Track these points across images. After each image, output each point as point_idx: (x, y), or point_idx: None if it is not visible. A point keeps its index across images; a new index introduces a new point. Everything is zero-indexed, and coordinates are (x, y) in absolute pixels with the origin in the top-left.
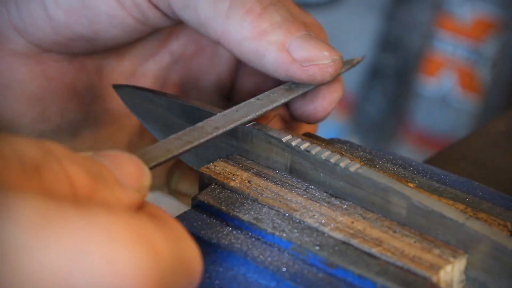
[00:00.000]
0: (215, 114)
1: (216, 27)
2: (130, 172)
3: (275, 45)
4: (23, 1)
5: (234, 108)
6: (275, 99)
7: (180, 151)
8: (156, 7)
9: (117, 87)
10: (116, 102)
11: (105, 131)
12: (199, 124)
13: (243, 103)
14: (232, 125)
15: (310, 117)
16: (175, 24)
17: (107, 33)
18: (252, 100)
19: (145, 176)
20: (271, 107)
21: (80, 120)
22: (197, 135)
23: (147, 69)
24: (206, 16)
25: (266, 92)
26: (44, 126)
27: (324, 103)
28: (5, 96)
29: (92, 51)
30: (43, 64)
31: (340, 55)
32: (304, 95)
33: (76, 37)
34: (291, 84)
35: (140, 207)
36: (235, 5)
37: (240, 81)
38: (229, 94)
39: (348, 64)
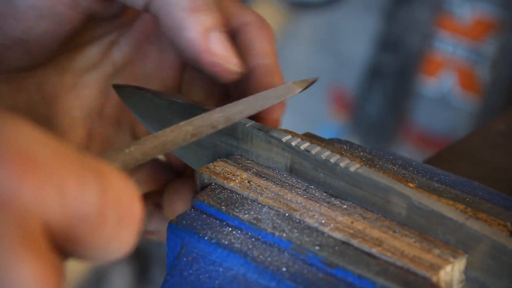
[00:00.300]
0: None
1: None
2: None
3: (200, 26)
4: None
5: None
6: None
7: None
8: None
9: (116, 87)
10: (60, 118)
11: None
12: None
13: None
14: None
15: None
16: (109, 9)
17: (39, 28)
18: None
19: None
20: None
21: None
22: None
23: (89, 80)
24: None
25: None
26: None
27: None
28: None
29: (30, 62)
30: None
31: (241, 70)
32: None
33: (9, 42)
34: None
35: None
36: None
37: (185, 86)
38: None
39: (304, 83)
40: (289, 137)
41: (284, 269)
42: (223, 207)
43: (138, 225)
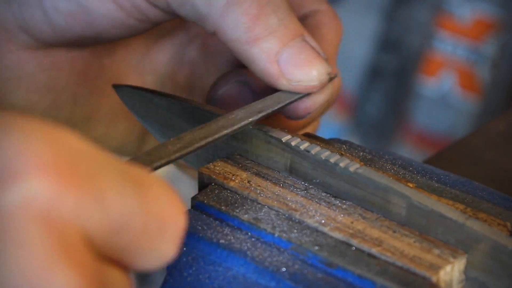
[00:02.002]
0: (214, 114)
1: (211, 22)
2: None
3: (265, 55)
4: (24, 4)
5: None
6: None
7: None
8: (155, 5)
9: (116, 87)
10: (131, 82)
11: (120, 110)
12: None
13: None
14: (235, 127)
15: (289, 113)
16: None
17: (109, 33)
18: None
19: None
20: (271, 110)
21: (94, 103)
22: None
23: (162, 46)
24: (202, 12)
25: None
26: (57, 113)
27: (307, 103)
28: (17, 89)
29: (99, 43)
30: (53, 56)
31: (329, 72)
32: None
33: (79, 37)
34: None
35: None
36: (232, 3)
37: None
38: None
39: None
40: (289, 137)
41: (283, 269)
42: (223, 207)
43: (180, 236)
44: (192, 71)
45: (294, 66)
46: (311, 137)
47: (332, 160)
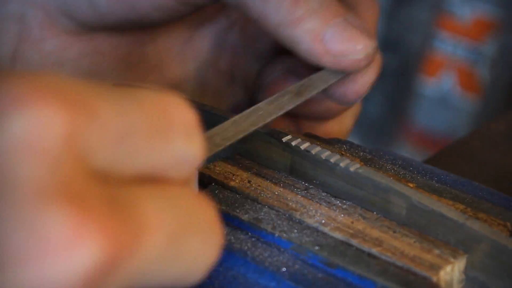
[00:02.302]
0: (217, 115)
1: (254, 9)
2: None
3: (309, 34)
4: None
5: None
6: (283, 105)
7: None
8: None
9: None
10: (173, 69)
11: None
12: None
13: (248, 110)
14: (281, 112)
15: (340, 99)
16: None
17: (152, 16)
18: (260, 105)
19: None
20: (279, 113)
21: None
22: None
23: (204, 32)
24: None
25: (274, 96)
26: None
27: (356, 86)
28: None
29: (142, 28)
30: (95, 41)
31: (375, 46)
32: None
33: (121, 21)
34: (301, 86)
35: None
36: None
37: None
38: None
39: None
40: (289, 137)
41: (284, 269)
42: (223, 207)
43: (195, 129)
44: (233, 57)
45: (339, 42)
46: (312, 137)
47: (332, 160)
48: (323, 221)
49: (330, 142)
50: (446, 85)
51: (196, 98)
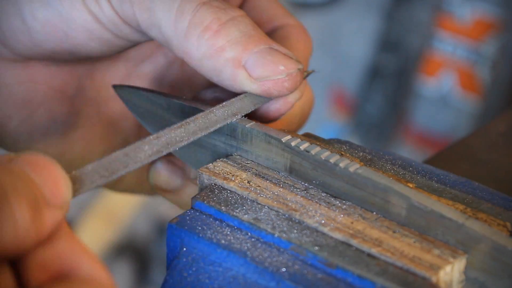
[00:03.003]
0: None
1: (178, 46)
2: (53, 184)
3: (231, 62)
4: (3, 13)
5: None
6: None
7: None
8: (128, 24)
9: (116, 87)
10: (111, 105)
11: (99, 133)
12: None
13: (193, 117)
14: (211, 129)
15: (262, 117)
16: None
17: (87, 46)
18: (207, 111)
19: (67, 188)
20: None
21: (71, 122)
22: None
23: (143, 70)
24: (168, 35)
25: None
26: (32, 128)
27: (277, 104)
28: None
29: (78, 60)
30: (31, 69)
31: (299, 68)
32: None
33: (57, 49)
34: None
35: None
36: (194, 24)
37: None
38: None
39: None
40: (288, 137)
41: (283, 269)
42: (222, 208)
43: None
44: (171, 92)
45: (261, 66)
46: (311, 137)
47: (332, 161)
48: (323, 221)
49: (330, 142)
50: (446, 85)
51: (133, 133)
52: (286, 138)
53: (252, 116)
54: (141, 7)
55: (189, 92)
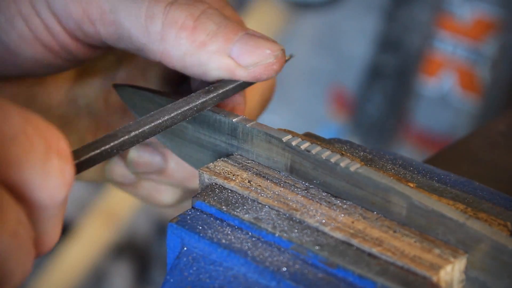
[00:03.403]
0: (214, 112)
1: (154, 50)
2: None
3: (216, 54)
4: None
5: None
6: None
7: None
8: (88, 44)
9: (117, 86)
10: (64, 106)
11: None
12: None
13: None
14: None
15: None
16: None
17: (36, 73)
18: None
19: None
20: (192, 104)
21: None
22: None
23: (94, 70)
24: (141, 42)
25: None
26: None
27: (240, 98)
28: None
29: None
30: None
31: (282, 49)
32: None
33: (5, 76)
34: (210, 87)
35: None
36: (168, 25)
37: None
38: (179, 82)
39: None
40: (289, 137)
41: (284, 269)
42: (223, 207)
43: (67, 161)
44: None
45: (247, 53)
46: (312, 137)
47: (332, 160)
48: (324, 221)
49: (330, 142)
50: (446, 85)
51: (90, 133)
52: (286, 137)
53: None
54: (104, 23)
55: (144, 85)
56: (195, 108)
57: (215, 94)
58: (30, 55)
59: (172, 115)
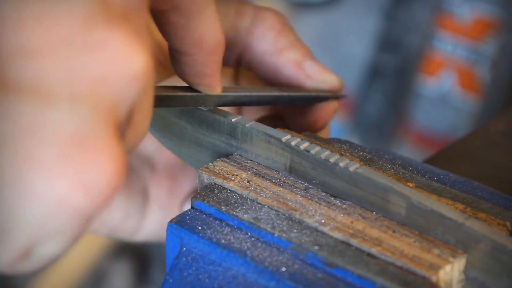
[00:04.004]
0: (216, 114)
1: (237, 43)
2: None
3: (293, 62)
4: None
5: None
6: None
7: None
8: None
9: None
10: None
11: None
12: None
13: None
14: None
15: (311, 126)
16: None
17: None
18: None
19: None
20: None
21: None
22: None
23: None
24: (227, 38)
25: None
26: None
27: (323, 113)
28: None
29: None
30: None
31: (342, 83)
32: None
33: None
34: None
35: None
36: (257, 21)
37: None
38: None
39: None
40: (288, 136)
41: (283, 269)
42: (222, 207)
43: None
44: None
45: (318, 71)
46: (311, 137)
47: (332, 160)
48: (323, 220)
49: (330, 142)
50: (446, 85)
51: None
52: (286, 137)
53: (299, 123)
54: None
55: None
56: (267, 99)
57: (287, 94)
58: None
59: (253, 93)
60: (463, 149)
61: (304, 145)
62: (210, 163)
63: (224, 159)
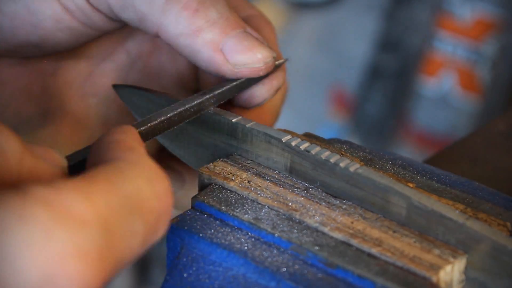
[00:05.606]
0: (213, 114)
1: (153, 21)
2: None
3: (209, 44)
4: None
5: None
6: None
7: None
8: (98, 10)
9: (117, 87)
10: (74, 104)
11: (65, 132)
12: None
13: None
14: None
15: (246, 102)
16: (121, 27)
17: (54, 37)
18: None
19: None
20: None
21: (38, 121)
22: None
23: (104, 69)
24: (143, 12)
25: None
26: None
27: (262, 89)
28: None
29: (43, 55)
30: None
31: (274, 56)
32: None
33: (23, 43)
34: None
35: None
36: (171, 0)
37: (202, 73)
38: (195, 87)
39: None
40: (289, 137)
41: (284, 269)
42: (223, 207)
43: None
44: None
45: (238, 52)
46: (311, 137)
47: (332, 160)
48: (323, 221)
49: (330, 142)
50: (446, 85)
51: (99, 130)
52: (286, 138)
53: (235, 101)
54: None
55: (158, 89)
56: (192, 110)
57: (211, 95)
58: (49, 15)
59: (168, 115)
60: (463, 149)
61: (305, 145)
62: (211, 164)
63: (225, 159)
